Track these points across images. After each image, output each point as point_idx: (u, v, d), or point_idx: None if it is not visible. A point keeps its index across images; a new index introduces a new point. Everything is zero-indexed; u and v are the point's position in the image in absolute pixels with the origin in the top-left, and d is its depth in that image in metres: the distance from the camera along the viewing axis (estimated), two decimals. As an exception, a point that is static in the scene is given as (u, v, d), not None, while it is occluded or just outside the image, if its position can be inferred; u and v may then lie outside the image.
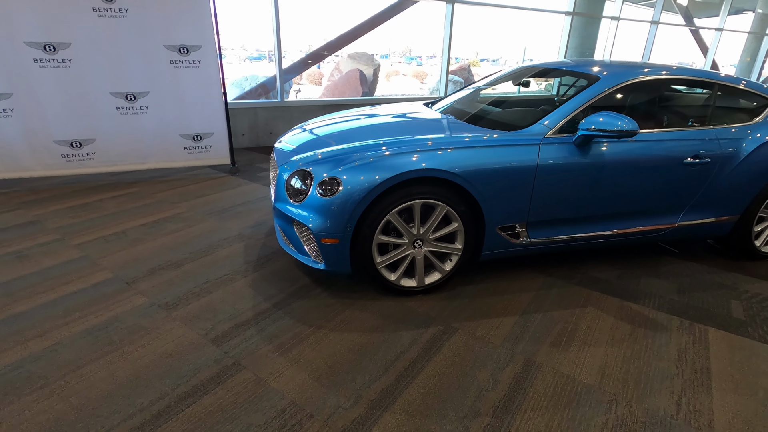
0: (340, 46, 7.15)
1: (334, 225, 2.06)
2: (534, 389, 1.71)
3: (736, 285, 2.56)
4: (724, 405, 1.67)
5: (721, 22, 9.82)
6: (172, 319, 2.05)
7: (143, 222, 3.13)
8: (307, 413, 1.56)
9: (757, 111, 2.64)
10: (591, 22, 8.15)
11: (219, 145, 4.28)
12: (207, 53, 3.93)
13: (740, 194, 2.58)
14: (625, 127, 2.08)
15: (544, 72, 3.03)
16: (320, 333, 2.00)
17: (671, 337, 2.06)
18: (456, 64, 12.70)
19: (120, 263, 2.55)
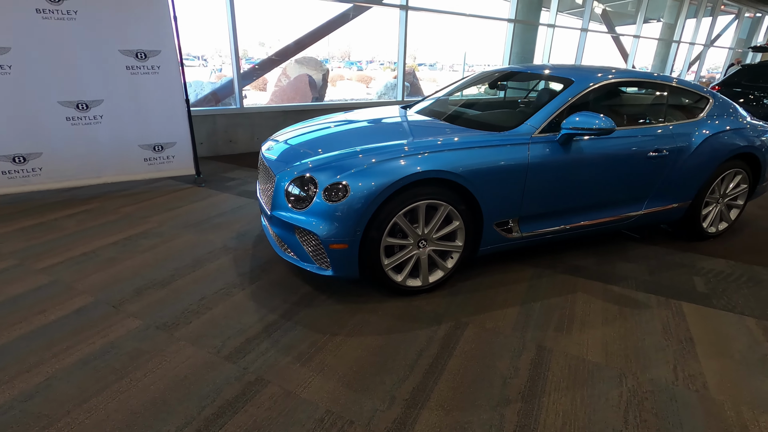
0: (294, 52, 7.04)
1: (343, 230, 2.05)
2: (552, 372, 1.82)
3: (693, 263, 2.88)
4: (712, 368, 1.89)
5: (637, 30, 10.92)
6: (175, 340, 1.94)
7: (113, 240, 2.90)
8: (347, 420, 1.55)
9: (700, 108, 3.00)
10: (529, 29, 8.70)
11: (182, 155, 4.06)
12: (167, 58, 3.73)
13: (691, 183, 2.90)
14: (603, 125, 2.28)
15: (515, 75, 3.22)
16: (337, 339, 1.99)
17: (653, 313, 2.29)
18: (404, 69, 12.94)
19: (99, 286, 2.35)
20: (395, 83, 12.24)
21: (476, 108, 3.36)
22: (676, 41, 12.29)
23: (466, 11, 7.29)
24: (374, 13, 6.66)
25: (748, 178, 3.15)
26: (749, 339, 2.10)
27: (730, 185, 3.10)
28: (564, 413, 1.61)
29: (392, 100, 7.24)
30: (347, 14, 6.54)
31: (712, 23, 13.27)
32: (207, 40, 8.14)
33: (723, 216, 3.23)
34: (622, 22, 13.64)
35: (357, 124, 2.79)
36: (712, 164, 2.90)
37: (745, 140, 2.98)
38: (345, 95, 14.34)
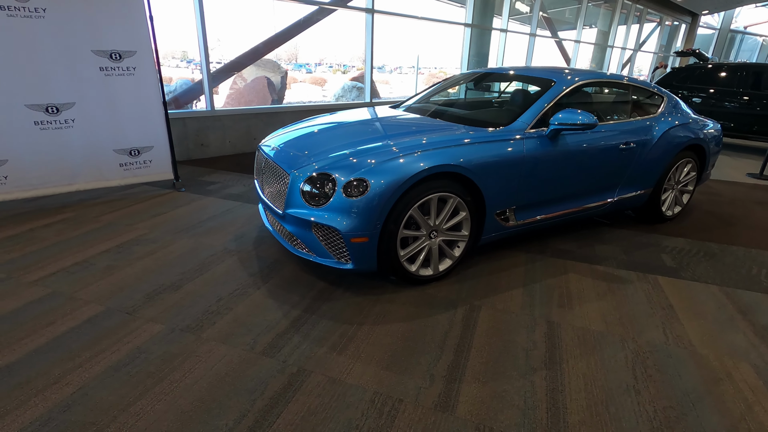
0: (263, 54, 6.94)
1: (364, 224, 2.14)
2: (564, 342, 2.03)
3: (658, 242, 3.25)
4: (693, 328, 2.18)
5: (578, 35, 11.79)
6: (205, 341, 1.93)
7: (104, 248, 2.77)
8: (396, 398, 1.65)
9: (657, 105, 3.38)
10: (484, 34, 9.16)
11: (160, 160, 3.93)
12: (143, 59, 3.60)
13: (653, 172, 3.27)
14: (587, 121, 2.54)
15: (497, 76, 3.45)
16: (365, 328, 2.07)
17: (636, 286, 2.58)
18: (360, 71, 13.08)
19: (104, 294, 2.27)
20: (353, 85, 12.39)
21: (462, 107, 3.56)
22: (610, 46, 13.40)
23: (428, 16, 7.55)
24: (327, 15, 6.71)
25: (697, 166, 3.59)
26: (716, 303, 2.43)
27: (683, 173, 3.52)
28: (584, 375, 1.81)
29: (361, 102, 7.33)
30: (312, 17, 6.56)
31: (640, 30, 14.60)
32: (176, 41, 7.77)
33: (677, 200, 3.65)
34: (560, 28, 14.65)
35: (357, 123, 2.88)
36: (669, 155, 3.28)
37: (693, 133, 3.40)
38: (302, 97, 14.22)
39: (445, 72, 19.71)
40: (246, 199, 3.79)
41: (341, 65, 23.50)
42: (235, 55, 6.52)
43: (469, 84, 3.84)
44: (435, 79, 19.75)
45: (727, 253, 3.09)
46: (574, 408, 1.64)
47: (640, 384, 1.78)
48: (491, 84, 3.52)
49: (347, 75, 20.51)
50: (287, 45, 7.56)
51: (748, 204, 4.31)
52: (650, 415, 1.62)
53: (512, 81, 3.34)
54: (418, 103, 3.52)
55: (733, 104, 7.09)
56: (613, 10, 12.84)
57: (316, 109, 6.35)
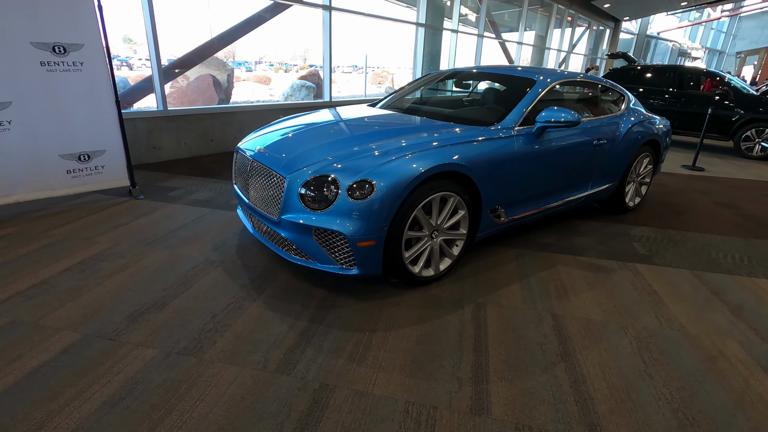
0: (213, 51, 6.53)
1: (371, 227, 2.06)
2: (571, 334, 2.08)
3: (627, 232, 3.47)
4: (679, 311, 2.34)
5: (520, 37, 12.37)
6: (209, 363, 1.76)
7: (63, 267, 2.45)
8: (429, 406, 1.60)
9: (620, 103, 3.61)
10: (435, 34, 9.32)
11: (113, 165, 3.56)
12: (91, 53, 3.23)
13: (619, 165, 3.48)
14: (571, 118, 2.64)
15: (477, 76, 3.50)
16: (378, 335, 2.00)
17: (620, 275, 2.72)
18: (308, 70, 12.81)
19: (76, 319, 2.00)
20: (301, 84, 12.10)
21: (442, 106, 3.58)
22: (548, 48, 14.21)
23: (379, 15, 7.52)
24: (283, 11, 6.47)
25: (653, 160, 3.88)
26: (691, 286, 2.63)
27: (642, 166, 3.78)
28: (599, 364, 1.87)
29: (320, 102, 7.15)
30: (263, 15, 6.28)
31: (572, 34, 15.63)
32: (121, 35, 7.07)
33: (638, 192, 3.92)
34: (502, 31, 15.30)
35: (344, 123, 2.79)
36: (632, 150, 3.51)
37: (651, 129, 3.67)
38: (248, 96, 13.66)
39: (388, 71, 19.82)
40: (216, 205, 3.54)
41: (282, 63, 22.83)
42: (183, 51, 6.07)
43: (438, 83, 3.87)
44: (380, 78, 19.80)
45: (686, 239, 3.37)
46: (599, 398, 1.68)
47: (650, 368, 1.87)
48: (471, 83, 3.56)
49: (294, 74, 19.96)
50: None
51: (690, 193, 4.74)
52: (668, 398, 1.70)
53: (492, 80, 3.39)
54: (396, 102, 3.48)
55: (660, 102, 7.77)
56: (549, 15, 13.63)
57: (276, 108, 6.10)
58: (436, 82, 3.70)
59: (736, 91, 7.04)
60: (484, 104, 3.19)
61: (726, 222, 3.82)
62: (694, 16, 26.35)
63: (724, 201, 4.49)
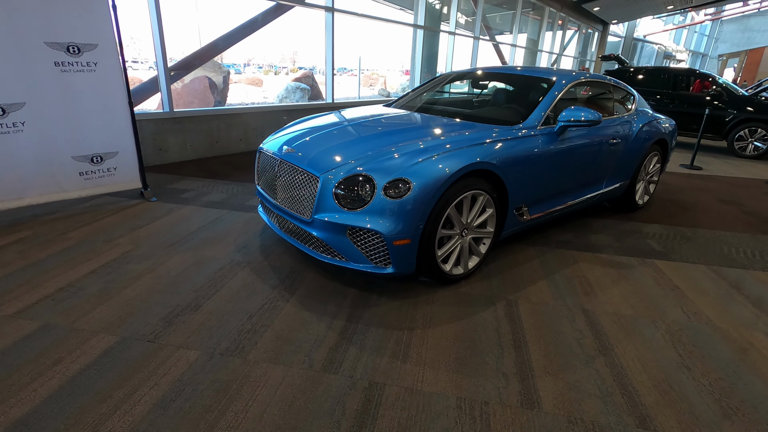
0: (218, 51, 6.47)
1: (407, 225, 2.07)
2: (605, 329, 2.12)
3: (639, 229, 3.53)
4: (704, 305, 2.39)
5: (514, 40, 12.52)
6: (254, 363, 1.75)
7: (88, 270, 2.41)
8: (480, 401, 1.61)
9: (631, 103, 3.68)
10: (433, 36, 9.38)
11: (126, 167, 3.50)
12: (105, 53, 3.19)
13: (631, 164, 3.55)
14: (592, 117, 2.68)
15: (495, 76, 3.53)
16: (417, 333, 2.00)
17: (641, 271, 2.77)
18: (302, 72, 12.78)
19: (111, 322, 1.96)
20: (296, 86, 12.08)
21: (459, 105, 3.60)
22: (540, 50, 14.40)
23: (383, 17, 7.55)
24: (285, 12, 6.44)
25: (661, 158, 3.96)
26: (710, 280, 2.70)
27: (651, 165, 3.86)
28: (637, 358, 1.91)
29: (324, 103, 7.12)
30: (266, 17, 6.24)
31: (563, 36, 15.86)
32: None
33: (646, 190, 4.00)
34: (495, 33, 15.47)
35: (369, 122, 2.79)
36: (643, 149, 3.58)
37: (660, 129, 3.75)
38: (242, 98, 13.57)
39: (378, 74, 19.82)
40: (231, 207, 3.51)
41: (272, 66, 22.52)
42: (181, 54, 6.00)
43: (473, 82, 3.89)
44: (371, 80, 19.78)
45: (697, 236, 3.44)
46: (643, 390, 1.72)
47: (687, 360, 1.91)
48: (487, 83, 3.60)
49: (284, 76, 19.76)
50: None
51: (693, 191, 4.84)
52: (708, 388, 1.74)
53: (510, 80, 3.43)
54: (412, 102, 3.50)
55: (653, 103, 7.93)
56: (542, 19, 13.83)
57: (279, 110, 6.07)
58: (450, 83, 3.73)
59: (729, 91, 7.23)
60: (503, 104, 3.22)
61: (731, 219, 3.92)
62: (679, 19, 26.98)
63: (725, 198, 4.60)
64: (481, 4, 10.03)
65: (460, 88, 4.35)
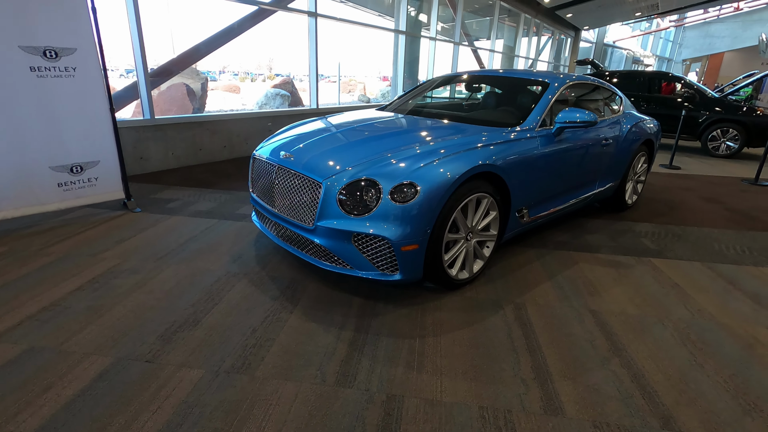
0: (200, 56, 6.29)
1: (415, 230, 2.02)
2: (615, 329, 2.11)
3: (632, 228, 3.58)
4: (705, 302, 2.42)
5: (492, 45, 12.73)
6: (263, 381, 1.65)
7: (73, 287, 2.26)
8: (503, 409, 1.56)
9: (619, 104, 3.74)
10: (414, 41, 9.43)
11: (108, 177, 3.34)
12: (85, 58, 3.04)
13: (621, 164, 3.61)
14: (588, 119, 2.70)
15: (489, 79, 3.54)
16: (429, 341, 1.95)
17: (639, 270, 2.80)
18: (280, 79, 12.67)
19: (103, 342, 1.83)
20: (276, 92, 11.98)
21: (454, 109, 3.59)
22: (517, 55, 14.68)
23: (366, 22, 7.53)
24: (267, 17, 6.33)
25: (648, 159, 4.04)
26: (707, 277, 2.74)
27: (639, 165, 3.93)
28: (650, 357, 1.90)
29: (309, 109, 7.02)
30: (246, 23, 6.12)
31: (538, 42, 16.23)
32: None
33: (635, 190, 4.07)
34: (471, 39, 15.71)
35: (366, 126, 2.74)
36: (632, 149, 3.64)
37: (646, 129, 3.82)
38: (221, 105, 13.32)
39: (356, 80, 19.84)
40: (221, 216, 3.39)
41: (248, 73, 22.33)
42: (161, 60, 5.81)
43: (467, 85, 3.88)
44: (349, 87, 19.76)
45: (687, 233, 3.52)
46: (662, 390, 1.70)
47: (698, 358, 1.91)
48: (481, 86, 3.60)
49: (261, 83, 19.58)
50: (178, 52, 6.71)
51: (676, 191, 4.97)
52: (724, 385, 1.74)
53: (505, 83, 3.44)
54: (406, 106, 3.47)
55: (631, 106, 8.15)
56: (517, 25, 14.12)
57: (264, 116, 5.94)
58: (439, 87, 3.72)
59: (701, 93, 7.50)
60: (499, 107, 3.22)
61: (716, 216, 4.03)
62: (645, 26, 28.08)
63: (707, 196, 4.74)
64: (461, 11, 10.15)
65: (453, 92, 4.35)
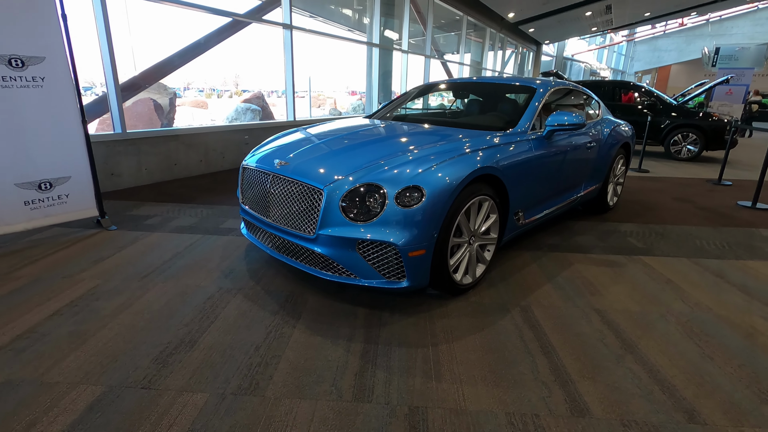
0: (173, 68, 6.09)
1: (422, 235, 1.97)
2: (622, 327, 2.11)
3: (617, 229, 3.67)
4: (699, 295, 2.48)
5: (461, 58, 13.05)
6: (275, 401, 1.54)
7: (51, 311, 2.06)
8: (530, 414, 1.51)
9: (597, 109, 3.86)
10: (386, 55, 9.54)
11: (79, 193, 3.12)
12: (54, 68, 2.85)
13: (603, 167, 3.71)
14: (576, 121, 2.76)
15: (475, 86, 3.57)
16: (442, 348, 1.88)
17: (632, 268, 2.84)
18: (250, 93, 12.53)
19: (91, 370, 1.67)
20: (246, 107, 11.88)
21: (442, 116, 3.59)
22: (484, 68, 15.12)
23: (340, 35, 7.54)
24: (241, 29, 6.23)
25: (625, 161, 4.18)
26: (696, 272, 2.82)
27: (618, 167, 4.06)
28: (662, 352, 1.91)
29: (286, 122, 6.89)
30: (224, 32, 6.01)
31: (503, 55, 16.80)
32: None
33: (615, 192, 4.19)
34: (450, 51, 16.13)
35: (360, 132, 2.69)
36: (612, 152, 3.76)
37: (623, 133, 3.96)
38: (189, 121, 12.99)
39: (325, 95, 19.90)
40: (205, 231, 3.23)
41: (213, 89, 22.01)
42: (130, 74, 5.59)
43: (455, 92, 3.89)
44: (319, 101, 19.77)
45: (669, 232, 3.63)
46: (679, 384, 1.70)
47: (706, 350, 1.94)
48: (468, 93, 3.63)
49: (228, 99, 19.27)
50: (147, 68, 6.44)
51: (649, 192, 5.17)
52: (736, 376, 1.77)
53: (492, 89, 3.47)
54: (396, 113, 3.45)
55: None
56: (483, 40, 14.59)
57: (241, 129, 5.79)
58: (425, 95, 3.73)
59: (662, 101, 7.92)
60: (489, 112, 3.25)
61: (690, 214, 4.19)
62: (599, 40, 29.67)
63: (679, 197, 4.95)
64: (430, 25, 10.38)
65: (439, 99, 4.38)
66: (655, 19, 20.45)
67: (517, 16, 14.66)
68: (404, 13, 9.29)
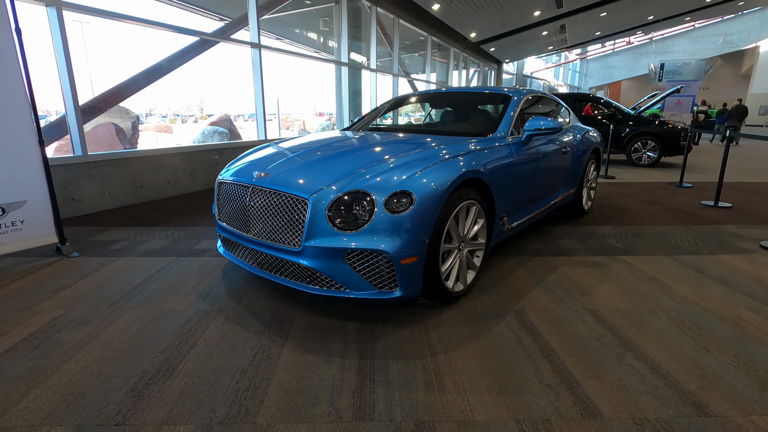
0: (137, 88, 5.85)
1: (414, 241, 1.91)
2: (617, 325, 2.10)
3: (595, 231, 3.73)
4: (684, 290, 2.51)
5: (428, 77, 13.35)
6: (268, 427, 1.40)
7: (5, 347, 1.85)
8: (541, 420, 1.44)
9: (567, 116, 3.97)
10: (356, 74, 9.63)
11: (36, 219, 2.89)
12: (6, 85, 2.66)
13: (577, 172, 3.79)
14: (553, 125, 2.80)
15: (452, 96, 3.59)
16: (441, 358, 1.80)
17: (616, 268, 2.87)
18: (217, 116, 12.37)
19: (54, 409, 1.48)
20: (213, 130, 11.72)
21: (421, 125, 3.58)
22: (450, 86, 15.54)
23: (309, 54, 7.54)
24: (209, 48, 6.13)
25: (596, 166, 4.30)
26: (676, 268, 2.88)
27: (590, 172, 4.16)
28: (660, 348, 1.89)
29: (258, 141, 6.74)
30: (191, 51, 5.89)
31: (467, 73, 17.34)
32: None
33: (589, 196, 4.29)
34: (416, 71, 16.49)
35: (341, 142, 2.63)
36: (584, 157, 3.85)
37: (593, 139, 4.08)
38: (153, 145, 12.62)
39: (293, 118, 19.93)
40: (177, 253, 3.04)
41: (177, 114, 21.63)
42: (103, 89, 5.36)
43: (432, 103, 3.90)
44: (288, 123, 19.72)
45: (644, 232, 3.73)
46: (682, 378, 1.68)
47: (701, 342, 1.94)
48: (445, 103, 3.64)
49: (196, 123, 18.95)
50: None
51: (619, 196, 5.33)
52: (735, 365, 1.77)
53: (467, 99, 3.51)
54: (373, 124, 3.41)
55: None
56: (448, 60, 15.03)
57: (212, 149, 5.61)
58: (403, 106, 3.73)
59: (621, 111, 8.31)
60: (467, 120, 3.26)
61: (661, 215, 4.34)
62: (556, 59, 31.25)
63: (647, 199, 5.13)
64: (397, 46, 10.59)
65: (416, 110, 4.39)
66: (605, 37, 21.75)
67: (478, 35, 15.22)
68: (371, 34, 9.44)
